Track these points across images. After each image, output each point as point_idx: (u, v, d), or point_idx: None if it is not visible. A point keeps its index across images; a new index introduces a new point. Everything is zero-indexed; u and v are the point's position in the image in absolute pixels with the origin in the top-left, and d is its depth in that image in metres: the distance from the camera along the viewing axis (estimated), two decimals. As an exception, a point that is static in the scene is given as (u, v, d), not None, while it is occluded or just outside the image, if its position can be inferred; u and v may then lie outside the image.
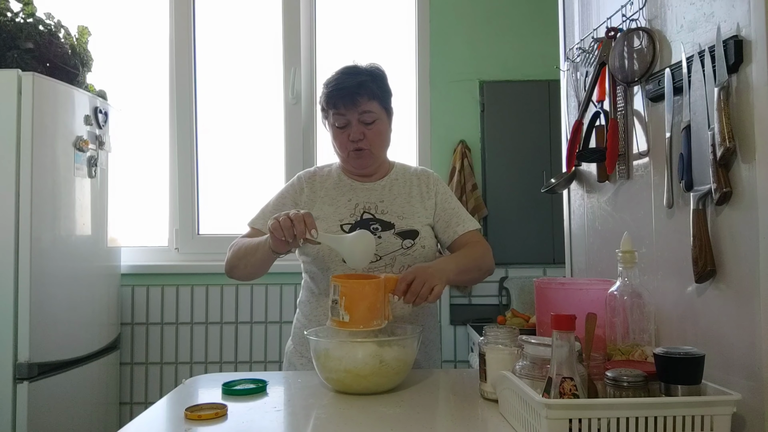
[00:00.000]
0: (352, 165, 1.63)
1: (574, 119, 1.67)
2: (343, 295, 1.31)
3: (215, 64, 3.10)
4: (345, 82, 1.56)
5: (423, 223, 1.62)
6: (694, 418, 0.94)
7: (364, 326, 1.31)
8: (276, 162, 3.05)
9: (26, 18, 2.38)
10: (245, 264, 1.55)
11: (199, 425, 1.12)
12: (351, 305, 1.30)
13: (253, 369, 2.87)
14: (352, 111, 1.55)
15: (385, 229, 1.58)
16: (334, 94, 1.56)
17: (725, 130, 1.04)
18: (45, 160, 2.25)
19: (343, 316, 1.30)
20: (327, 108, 1.58)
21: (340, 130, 1.58)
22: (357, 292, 1.31)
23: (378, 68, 1.64)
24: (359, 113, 1.55)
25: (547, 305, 1.30)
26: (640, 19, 1.41)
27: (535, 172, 2.84)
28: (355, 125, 1.56)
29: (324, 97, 1.59)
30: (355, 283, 1.34)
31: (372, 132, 1.58)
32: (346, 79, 1.57)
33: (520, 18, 3.03)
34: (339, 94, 1.55)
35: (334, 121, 1.58)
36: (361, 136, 1.56)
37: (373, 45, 3.11)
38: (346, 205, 1.61)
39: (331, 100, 1.56)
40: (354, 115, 1.55)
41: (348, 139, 1.57)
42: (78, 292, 2.45)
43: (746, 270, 1.03)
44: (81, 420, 2.44)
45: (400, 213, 1.61)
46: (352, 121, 1.56)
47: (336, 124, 1.58)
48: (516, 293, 2.88)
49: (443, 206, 1.66)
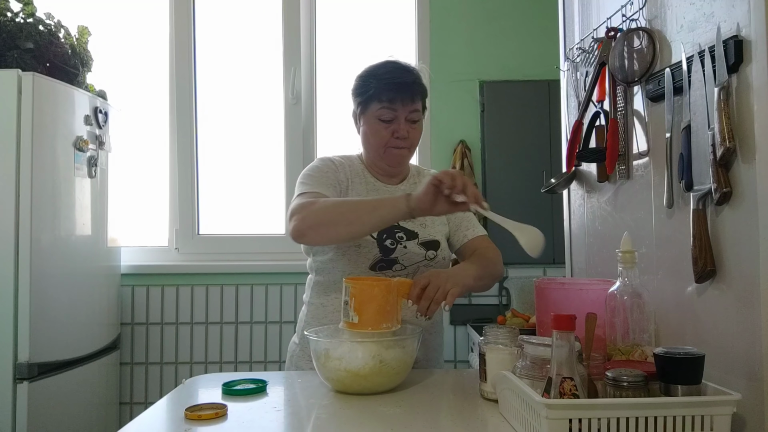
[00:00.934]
0: (387, 161, 1.58)
1: (574, 119, 1.67)
2: (353, 296, 1.31)
3: (215, 64, 3.10)
4: (402, 77, 1.52)
5: (442, 233, 1.61)
6: (694, 418, 0.94)
7: (372, 328, 1.30)
8: (276, 162, 3.05)
9: (26, 18, 2.38)
10: (351, 220, 1.38)
11: (199, 425, 1.12)
12: (360, 306, 1.30)
13: (253, 369, 2.87)
14: (404, 107, 1.51)
15: (410, 239, 1.56)
16: (390, 88, 1.50)
17: (725, 130, 1.04)
18: (45, 160, 2.25)
19: (352, 317, 1.30)
20: (376, 99, 1.52)
21: (384, 123, 1.53)
22: (366, 293, 1.31)
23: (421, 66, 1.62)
24: (409, 111, 1.52)
25: (547, 305, 1.30)
26: (640, 19, 1.41)
27: (535, 172, 2.84)
28: (402, 122, 1.53)
29: (374, 88, 1.52)
30: (364, 285, 1.33)
31: (415, 131, 1.56)
32: (402, 74, 1.53)
33: (520, 18, 3.03)
34: (396, 88, 1.50)
35: (380, 114, 1.52)
36: (406, 133, 1.53)
37: (373, 45, 3.11)
38: None
39: (385, 94, 1.50)
40: (404, 112, 1.52)
41: (390, 134, 1.53)
42: (78, 292, 2.45)
43: (746, 270, 1.03)
44: (81, 420, 2.43)
45: (421, 221, 1.58)
46: (400, 117, 1.52)
47: (381, 117, 1.52)
48: (516, 293, 2.88)
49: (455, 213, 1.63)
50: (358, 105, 1.60)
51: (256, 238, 3.01)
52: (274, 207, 3.06)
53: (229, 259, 2.96)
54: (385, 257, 1.54)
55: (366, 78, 1.57)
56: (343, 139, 3.04)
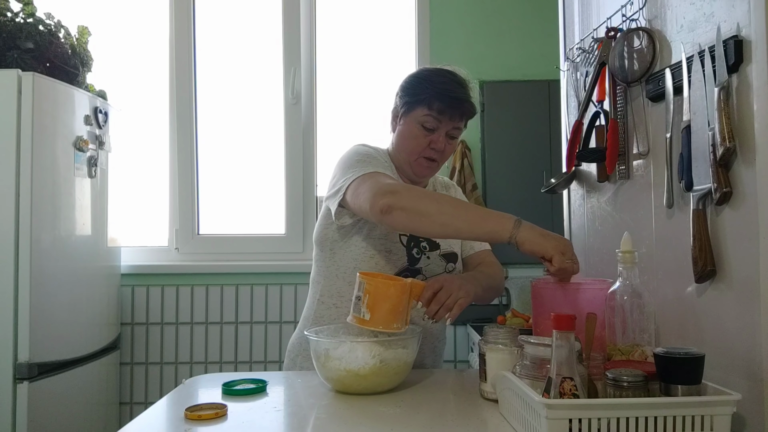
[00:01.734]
0: (416, 171, 1.55)
1: (574, 119, 1.67)
2: (367, 292, 1.29)
3: (215, 63, 3.10)
4: (457, 92, 1.49)
5: (458, 245, 1.62)
6: (694, 418, 0.94)
7: (384, 327, 1.29)
8: (276, 162, 3.05)
9: (26, 18, 2.38)
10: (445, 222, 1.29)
11: (199, 425, 1.12)
12: (374, 304, 1.28)
13: (253, 369, 2.87)
14: (449, 122, 1.50)
15: (432, 249, 1.55)
16: (443, 101, 1.47)
17: (725, 130, 1.04)
18: (45, 160, 2.25)
19: (364, 313, 1.29)
20: (425, 105, 1.49)
21: (425, 131, 1.50)
22: (381, 292, 1.29)
23: (472, 82, 1.57)
24: (452, 126, 1.51)
25: (543, 306, 1.30)
26: (640, 19, 1.41)
27: (535, 172, 2.84)
28: (442, 135, 1.51)
29: (428, 96, 1.48)
30: (380, 283, 1.31)
31: (450, 147, 1.54)
32: (458, 89, 1.50)
33: (520, 18, 3.03)
34: (450, 103, 1.48)
35: (424, 120, 1.49)
36: (442, 147, 1.51)
37: (373, 45, 3.11)
38: None
39: (437, 103, 1.47)
40: (447, 126, 1.50)
41: (427, 143, 1.51)
42: (78, 292, 2.45)
43: (746, 270, 1.03)
44: (81, 420, 2.43)
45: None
46: (441, 130, 1.50)
47: (425, 124, 1.49)
48: (516, 293, 2.88)
49: None
50: (404, 104, 1.54)
51: (256, 238, 3.02)
52: (274, 207, 3.06)
53: (229, 259, 2.96)
54: (411, 266, 1.53)
55: (421, 80, 1.54)
56: (344, 139, 3.05)
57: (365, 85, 3.07)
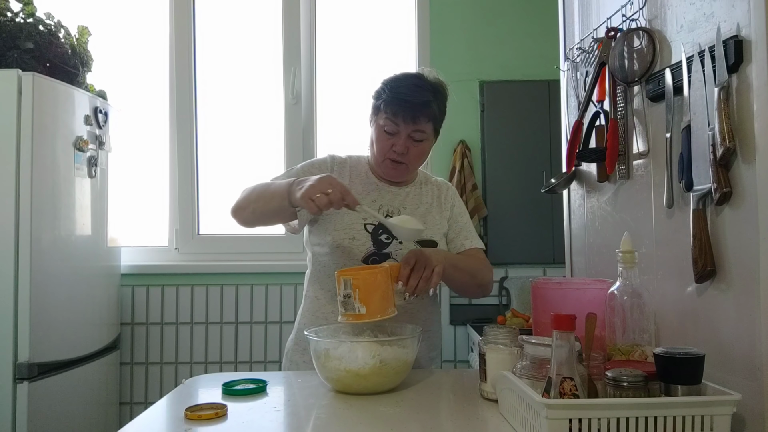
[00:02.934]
0: (384, 172, 1.62)
1: (574, 119, 1.67)
2: (356, 287, 1.30)
3: (215, 63, 3.10)
4: (410, 96, 1.51)
5: (440, 234, 1.63)
6: (694, 418, 0.94)
7: (381, 315, 1.31)
8: (276, 162, 3.05)
9: (26, 18, 2.38)
10: (254, 209, 1.51)
11: (199, 425, 1.12)
12: (366, 296, 1.30)
13: (253, 369, 2.87)
14: (406, 125, 1.52)
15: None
16: (395, 103, 1.51)
17: (725, 130, 1.04)
18: (45, 160, 2.25)
19: (358, 308, 1.30)
20: (383, 110, 1.54)
21: (387, 135, 1.54)
22: (370, 282, 1.31)
23: (443, 86, 1.60)
24: (412, 130, 1.53)
25: (544, 306, 1.30)
26: (640, 19, 1.41)
27: (535, 172, 2.83)
28: (403, 138, 1.53)
29: (383, 100, 1.54)
30: (366, 274, 1.33)
31: (416, 149, 1.56)
32: (412, 92, 1.52)
33: (520, 18, 3.03)
34: (400, 105, 1.51)
35: (384, 124, 1.54)
36: (405, 150, 1.54)
37: (373, 45, 3.11)
38: (370, 205, 1.58)
39: (390, 108, 1.52)
40: (406, 130, 1.53)
41: (390, 147, 1.55)
42: (78, 292, 2.45)
43: (746, 270, 1.03)
44: (81, 420, 2.43)
45: (422, 221, 1.59)
46: (401, 133, 1.53)
47: (385, 129, 1.54)
48: (516, 293, 2.88)
49: (456, 219, 1.68)
50: (371, 108, 1.60)
51: (256, 238, 3.01)
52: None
53: (229, 259, 2.96)
54: (378, 251, 1.56)
55: (383, 85, 1.58)
56: (344, 139, 3.05)
57: (365, 85, 3.07)
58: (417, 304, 1.58)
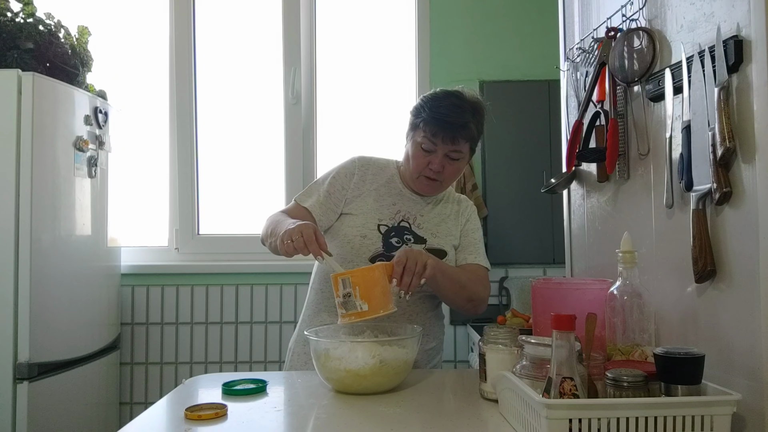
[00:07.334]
0: (418, 187, 1.63)
1: (574, 119, 1.67)
2: (356, 284, 1.31)
3: (215, 63, 3.09)
4: (451, 117, 1.53)
5: (451, 245, 1.64)
6: (694, 418, 0.94)
7: (384, 310, 1.32)
8: (276, 162, 3.05)
9: (26, 18, 2.38)
10: (270, 243, 1.57)
11: (199, 425, 1.12)
12: (366, 292, 1.31)
13: (253, 369, 2.87)
14: (444, 145, 1.54)
15: (417, 243, 1.60)
16: (434, 123, 1.53)
17: (725, 130, 1.04)
18: (45, 160, 2.25)
19: (360, 306, 1.31)
20: (421, 128, 1.56)
21: (424, 152, 1.56)
22: (369, 278, 1.33)
23: (481, 105, 1.62)
24: (450, 150, 1.55)
25: (544, 306, 1.30)
26: (640, 19, 1.41)
27: (535, 172, 2.82)
28: (440, 157, 1.55)
29: (423, 119, 1.55)
30: (365, 270, 1.36)
31: (452, 168, 1.58)
32: (452, 112, 1.54)
33: (520, 18, 3.03)
34: (441, 126, 1.53)
35: (422, 142, 1.56)
36: (440, 168, 1.56)
37: (373, 45, 3.11)
38: (389, 208, 1.62)
39: (429, 127, 1.54)
40: (444, 149, 1.55)
41: (426, 165, 1.56)
42: (78, 292, 2.45)
43: (746, 270, 1.03)
44: (81, 420, 2.43)
45: (434, 231, 1.63)
46: (438, 152, 1.55)
47: (422, 146, 1.56)
48: (516, 293, 2.88)
49: (466, 233, 1.68)
50: (409, 125, 1.62)
51: (256, 238, 2.98)
52: (274, 207, 3.04)
53: (229, 259, 2.96)
54: (386, 252, 1.57)
55: (423, 103, 1.59)
56: (344, 139, 3.05)
57: (365, 85, 3.07)
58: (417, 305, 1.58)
